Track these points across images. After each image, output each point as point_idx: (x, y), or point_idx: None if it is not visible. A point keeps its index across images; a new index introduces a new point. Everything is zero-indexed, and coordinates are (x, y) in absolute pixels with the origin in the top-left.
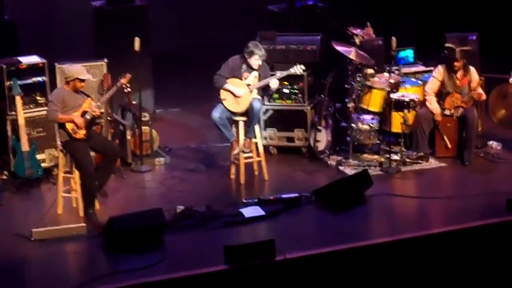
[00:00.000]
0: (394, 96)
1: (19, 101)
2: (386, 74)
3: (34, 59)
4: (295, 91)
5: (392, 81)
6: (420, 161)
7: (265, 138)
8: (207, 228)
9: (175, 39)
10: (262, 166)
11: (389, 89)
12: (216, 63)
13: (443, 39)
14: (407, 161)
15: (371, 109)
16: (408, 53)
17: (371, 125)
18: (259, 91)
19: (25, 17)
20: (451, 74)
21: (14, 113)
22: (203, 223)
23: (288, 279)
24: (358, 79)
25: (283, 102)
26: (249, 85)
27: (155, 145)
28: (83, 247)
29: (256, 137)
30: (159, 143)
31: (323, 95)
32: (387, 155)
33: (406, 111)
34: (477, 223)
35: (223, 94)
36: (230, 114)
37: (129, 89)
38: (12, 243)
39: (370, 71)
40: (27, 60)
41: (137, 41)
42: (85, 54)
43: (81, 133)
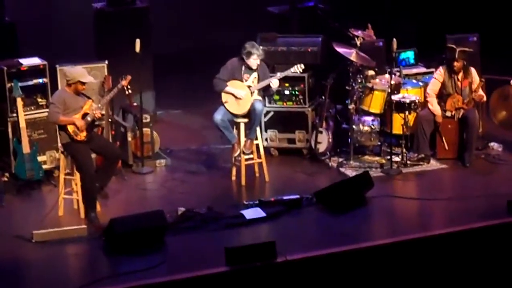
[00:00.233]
0: (395, 97)
1: (20, 103)
2: (387, 75)
3: (35, 60)
4: (296, 92)
5: (393, 82)
6: (421, 163)
7: (266, 139)
8: (208, 229)
9: (176, 41)
10: (263, 167)
11: (390, 91)
12: (217, 64)
13: (444, 40)
14: (408, 162)
15: (372, 110)
16: (409, 55)
17: (372, 126)
18: (260, 92)
19: (26, 18)
20: (452, 75)
21: (15, 115)
22: (204, 224)
23: (289, 281)
24: (359, 81)
25: (284, 103)
26: (250, 87)
27: (156, 147)
28: (84, 249)
29: (257, 139)
30: (160, 144)
31: (324, 97)
32: (388, 157)
33: (407, 112)
34: (478, 224)
35: (225, 97)
36: (232, 116)
37: (130, 91)
38: (13, 245)
39: (371, 72)
40: (28, 62)
41: (138, 42)
42: (86, 56)
43: (82, 135)
